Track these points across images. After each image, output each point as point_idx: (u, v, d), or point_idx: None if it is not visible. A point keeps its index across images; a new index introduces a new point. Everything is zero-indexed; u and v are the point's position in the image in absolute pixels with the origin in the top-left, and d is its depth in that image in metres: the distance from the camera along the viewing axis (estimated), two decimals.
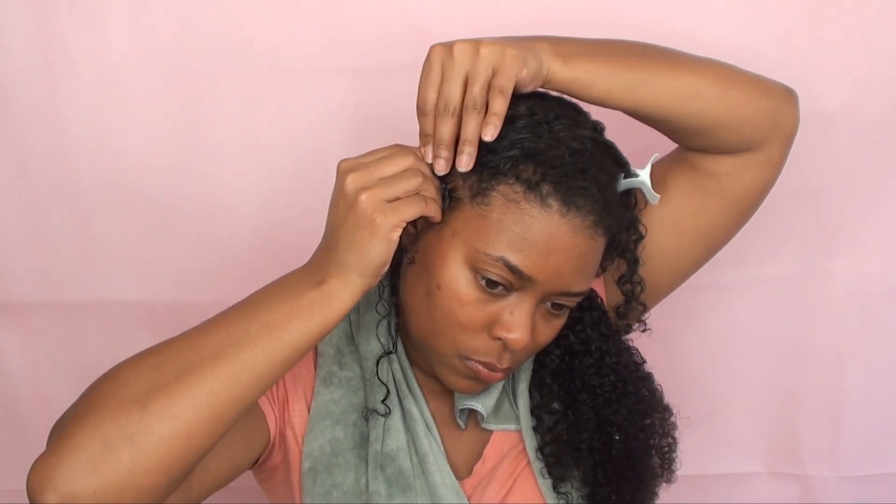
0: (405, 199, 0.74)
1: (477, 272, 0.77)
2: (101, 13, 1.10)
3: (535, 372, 0.91)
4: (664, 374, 0.93)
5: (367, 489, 0.85)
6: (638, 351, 0.92)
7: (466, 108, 0.75)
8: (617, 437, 0.88)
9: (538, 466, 0.89)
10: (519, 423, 0.90)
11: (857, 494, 1.30)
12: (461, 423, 0.89)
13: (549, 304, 0.80)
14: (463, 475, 0.89)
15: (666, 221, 0.90)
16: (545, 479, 0.89)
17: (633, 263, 0.88)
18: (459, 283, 0.78)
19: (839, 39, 1.11)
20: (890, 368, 1.26)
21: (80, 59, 1.11)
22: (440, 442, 0.89)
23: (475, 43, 0.75)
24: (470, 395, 0.88)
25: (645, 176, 0.82)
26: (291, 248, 1.20)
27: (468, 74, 0.75)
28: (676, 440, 0.91)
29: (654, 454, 0.90)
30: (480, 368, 0.81)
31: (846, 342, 1.24)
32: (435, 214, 0.77)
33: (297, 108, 1.15)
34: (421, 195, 0.75)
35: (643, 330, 0.93)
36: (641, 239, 0.88)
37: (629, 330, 0.92)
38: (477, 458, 0.90)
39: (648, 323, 0.94)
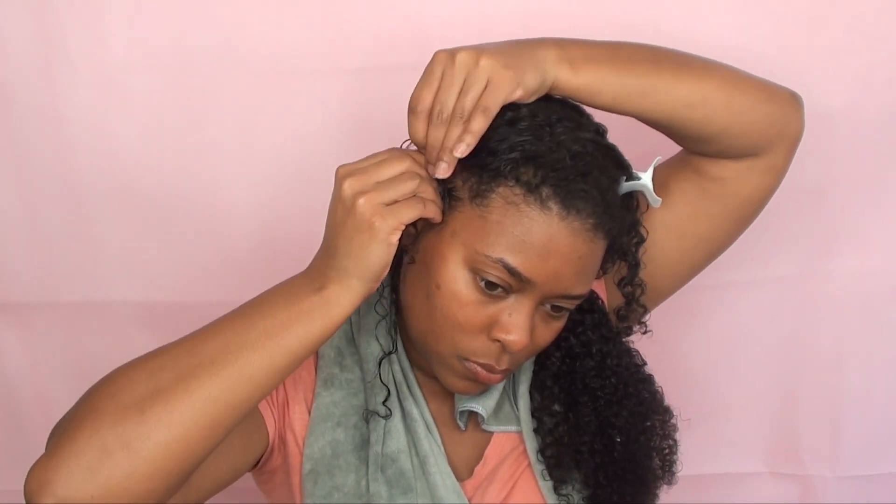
0: (403, 201, 0.74)
1: (476, 273, 0.77)
2: (101, 13, 1.10)
3: (535, 374, 0.91)
4: (664, 374, 0.93)
5: (367, 491, 0.85)
6: (639, 353, 0.92)
7: (454, 116, 0.75)
8: (618, 439, 0.88)
9: (539, 468, 0.89)
10: (519, 424, 0.90)
11: (857, 494, 1.30)
12: (461, 424, 0.89)
13: (548, 306, 0.80)
14: (464, 476, 0.89)
15: (668, 225, 0.90)
16: (546, 480, 0.89)
17: (633, 266, 0.88)
18: (459, 284, 0.78)
19: (839, 39, 1.11)
20: (890, 368, 1.26)
21: (80, 59, 1.11)
22: (441, 443, 0.89)
23: (477, 53, 0.75)
24: (469, 396, 0.88)
25: (647, 179, 0.82)
26: (291, 248, 1.20)
27: (465, 83, 0.75)
28: (677, 442, 0.91)
29: (654, 456, 0.90)
30: (479, 370, 0.81)
31: (846, 342, 1.24)
32: (434, 215, 0.77)
33: (296, 108, 1.15)
34: (419, 197, 0.75)
35: (644, 332, 0.93)
36: (643, 242, 0.88)
37: (630, 332, 0.92)
38: (477, 459, 0.90)
39: (649, 324, 0.94)
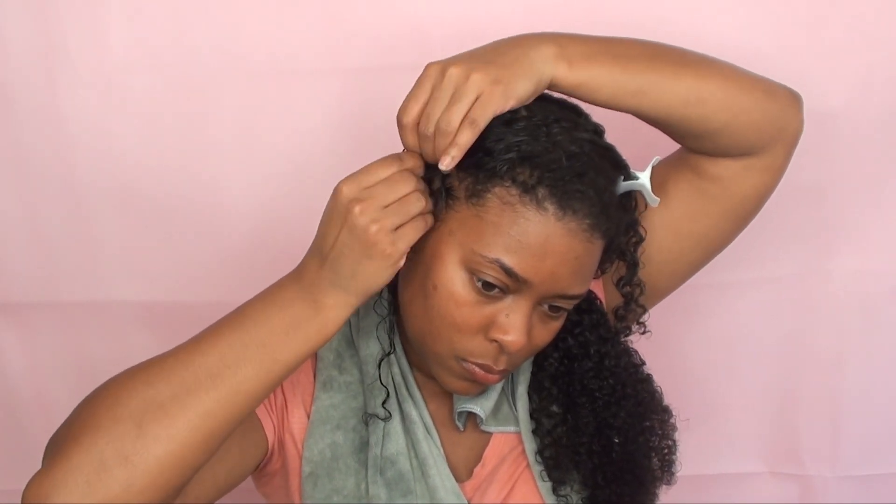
0: (410, 222, 0.74)
1: (473, 274, 0.77)
2: (101, 13, 1.10)
3: (533, 375, 0.91)
4: (664, 374, 0.93)
5: (367, 493, 0.85)
6: (637, 352, 0.92)
7: (439, 128, 0.75)
8: (616, 440, 0.88)
9: (538, 469, 0.89)
10: (518, 425, 0.90)
11: (857, 494, 1.30)
12: (460, 425, 0.89)
13: (545, 306, 0.80)
14: (463, 478, 0.89)
15: (666, 225, 0.90)
16: (545, 481, 0.88)
17: (632, 266, 0.88)
18: (456, 284, 0.78)
19: (839, 39, 1.11)
20: (890, 368, 1.26)
21: (80, 59, 1.11)
22: (440, 445, 0.89)
23: (468, 68, 0.75)
24: (467, 396, 0.88)
25: (645, 178, 0.82)
26: (291, 248, 1.20)
27: (453, 97, 0.75)
28: (676, 442, 0.91)
29: (653, 456, 0.90)
30: (477, 370, 0.81)
31: (846, 342, 1.24)
32: (430, 225, 0.77)
33: (296, 108, 1.15)
34: (422, 215, 0.75)
35: (642, 332, 0.93)
36: (641, 241, 0.88)
37: (629, 332, 0.92)
38: (476, 460, 0.90)
39: (648, 324, 0.94)
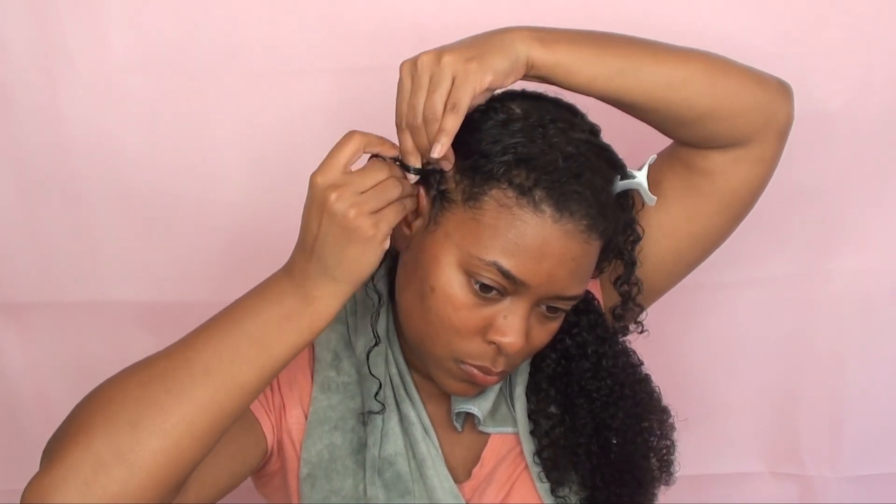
0: (388, 206, 0.74)
1: (470, 276, 0.77)
2: (101, 13, 1.11)
3: (531, 376, 0.91)
4: (663, 374, 0.93)
5: (365, 494, 0.85)
6: (636, 353, 0.92)
7: (425, 116, 0.75)
8: (615, 440, 0.88)
9: (536, 470, 0.89)
10: (516, 425, 0.90)
11: (857, 494, 1.30)
12: (458, 426, 0.89)
13: (543, 307, 0.80)
14: (461, 479, 0.89)
15: (662, 227, 0.89)
16: (543, 482, 0.88)
17: (630, 265, 0.88)
18: (453, 286, 0.78)
19: (839, 39, 1.11)
20: (890, 368, 1.26)
21: (80, 59, 1.11)
22: (438, 445, 0.88)
23: (438, 53, 0.75)
24: (465, 397, 0.88)
25: (642, 177, 0.81)
26: (291, 247, 1.20)
27: (430, 84, 0.75)
28: (675, 442, 0.91)
29: (652, 457, 0.90)
30: (475, 372, 0.81)
31: (846, 342, 1.25)
32: (413, 207, 0.78)
33: (296, 108, 1.15)
34: (399, 200, 0.75)
35: (640, 332, 0.92)
36: (639, 240, 0.88)
37: (627, 332, 0.92)
38: (475, 461, 0.90)
39: (648, 323, 0.94)
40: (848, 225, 1.20)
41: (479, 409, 0.88)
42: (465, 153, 0.77)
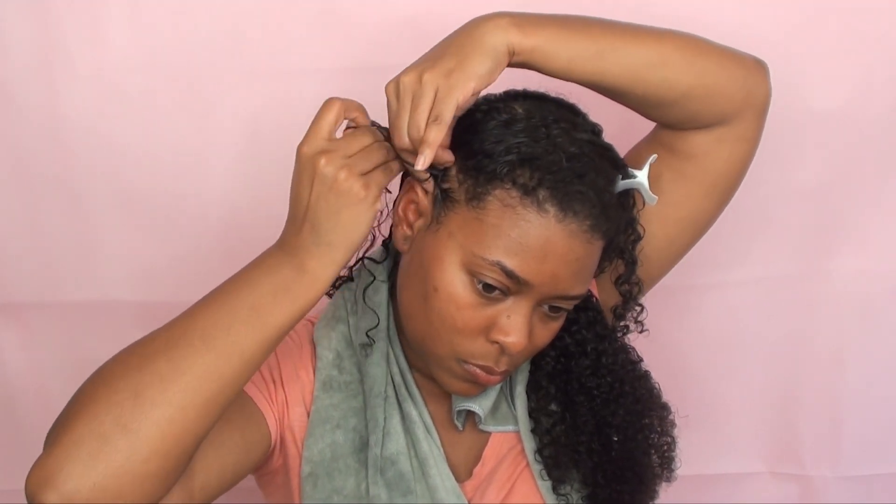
0: (377, 169, 0.75)
1: (473, 276, 0.77)
2: (101, 13, 1.11)
3: (531, 374, 0.91)
4: (663, 374, 0.93)
5: (367, 493, 0.85)
6: (635, 349, 0.92)
7: (410, 136, 0.76)
8: (615, 437, 0.88)
9: (537, 468, 0.89)
10: (517, 424, 0.90)
11: (857, 494, 1.30)
12: (459, 424, 0.89)
13: (546, 307, 0.80)
14: (463, 478, 0.89)
15: (652, 215, 0.89)
16: (545, 480, 0.88)
17: (630, 264, 0.88)
18: (456, 286, 0.78)
19: (839, 39, 1.11)
20: (890, 368, 1.26)
21: (80, 59, 1.11)
22: (440, 445, 0.88)
23: (419, 71, 0.75)
24: (467, 396, 0.88)
25: (643, 177, 0.82)
26: None
27: (412, 103, 0.76)
28: (675, 439, 0.91)
29: (653, 453, 0.90)
30: (478, 372, 0.81)
31: (846, 342, 1.25)
32: (399, 171, 0.79)
33: (296, 107, 1.14)
34: (385, 164, 0.77)
35: (640, 331, 0.92)
36: (639, 240, 0.88)
37: (627, 331, 0.92)
38: (476, 460, 0.90)
39: (648, 323, 0.94)
40: (848, 225, 1.20)
41: (480, 407, 0.88)
42: (468, 153, 0.78)
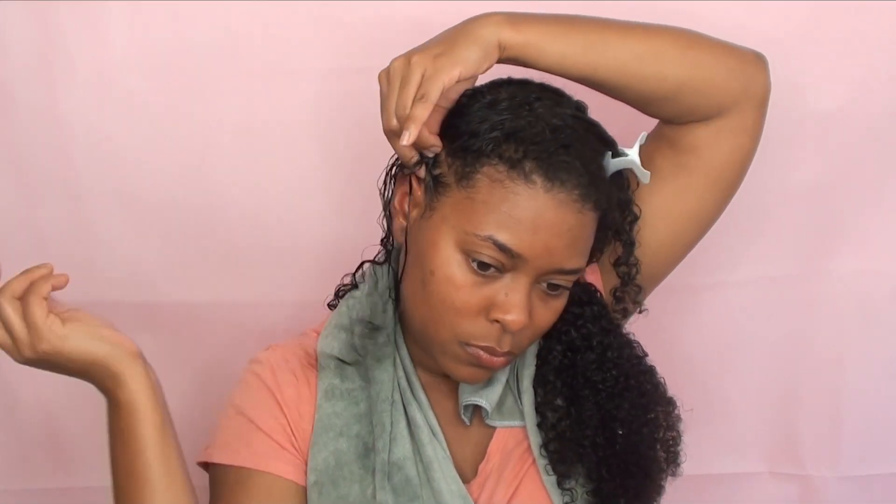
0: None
1: (468, 255, 0.78)
2: (101, 13, 1.10)
3: (538, 368, 0.91)
4: (663, 373, 0.93)
5: (374, 499, 0.85)
6: (640, 344, 0.92)
7: (397, 115, 0.77)
8: (620, 431, 0.88)
9: (542, 463, 0.89)
10: (523, 418, 0.90)
11: (857, 494, 1.30)
12: (465, 419, 0.89)
13: (544, 284, 0.81)
14: (469, 477, 0.89)
15: (656, 210, 0.90)
16: (550, 475, 0.88)
17: (628, 245, 0.89)
18: (452, 267, 0.79)
19: (839, 39, 1.11)
20: (890, 368, 1.26)
21: (80, 59, 1.11)
22: (445, 447, 0.88)
23: (408, 55, 0.78)
24: (473, 388, 0.88)
25: (634, 155, 0.83)
26: (291, 247, 1.20)
27: (401, 84, 0.77)
28: (681, 433, 0.91)
29: (658, 448, 0.90)
30: (481, 353, 0.81)
31: (846, 342, 1.24)
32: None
33: (296, 107, 1.15)
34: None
35: (640, 311, 0.92)
36: (636, 220, 0.88)
37: (627, 314, 0.92)
38: (481, 456, 0.90)
39: (647, 322, 0.94)
40: (848, 225, 1.20)
41: (486, 400, 0.88)
42: (454, 136, 0.79)
